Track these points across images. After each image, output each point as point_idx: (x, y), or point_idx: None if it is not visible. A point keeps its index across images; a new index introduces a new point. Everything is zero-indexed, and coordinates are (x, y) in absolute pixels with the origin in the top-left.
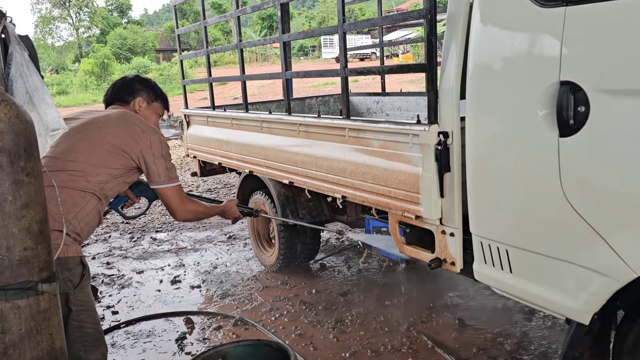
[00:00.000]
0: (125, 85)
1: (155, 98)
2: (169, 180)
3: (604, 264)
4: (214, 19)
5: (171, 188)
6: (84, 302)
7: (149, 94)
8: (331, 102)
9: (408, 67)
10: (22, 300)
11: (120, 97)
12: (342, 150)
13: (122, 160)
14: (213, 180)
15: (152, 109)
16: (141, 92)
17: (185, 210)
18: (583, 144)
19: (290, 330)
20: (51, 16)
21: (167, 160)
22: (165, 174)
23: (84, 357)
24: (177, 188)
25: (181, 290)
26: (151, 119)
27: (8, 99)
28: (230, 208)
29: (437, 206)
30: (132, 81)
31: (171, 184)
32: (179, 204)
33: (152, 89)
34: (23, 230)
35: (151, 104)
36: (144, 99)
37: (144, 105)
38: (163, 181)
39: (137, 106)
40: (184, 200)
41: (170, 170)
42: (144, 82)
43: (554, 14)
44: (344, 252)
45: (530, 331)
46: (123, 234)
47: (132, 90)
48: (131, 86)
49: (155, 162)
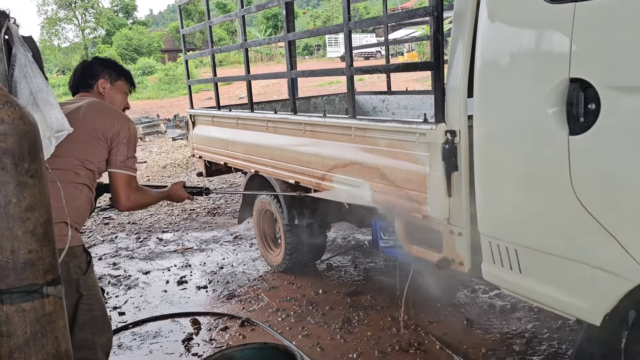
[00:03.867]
0: (86, 69)
1: (117, 76)
2: (124, 167)
3: (616, 264)
4: (219, 18)
5: (122, 175)
6: (92, 287)
7: (110, 74)
8: (337, 101)
9: (415, 65)
10: (27, 303)
11: (84, 83)
12: (348, 149)
13: (101, 149)
14: (219, 180)
15: (117, 89)
16: (102, 73)
17: (129, 200)
18: (593, 142)
19: (297, 331)
20: (57, 17)
21: (129, 148)
22: (123, 160)
23: (91, 339)
24: (129, 177)
25: (187, 291)
26: (117, 98)
27: (12, 100)
28: (175, 191)
29: (445, 205)
30: (92, 64)
31: (124, 171)
32: (125, 193)
33: (113, 68)
34: (28, 233)
35: (115, 84)
36: (106, 80)
37: (108, 86)
38: (117, 166)
39: (101, 88)
40: (132, 191)
41: (129, 158)
42: (103, 62)
43: (564, 10)
44: (351, 252)
45: (540, 331)
46: (129, 235)
47: (93, 73)
48: (92, 69)
49: (117, 147)
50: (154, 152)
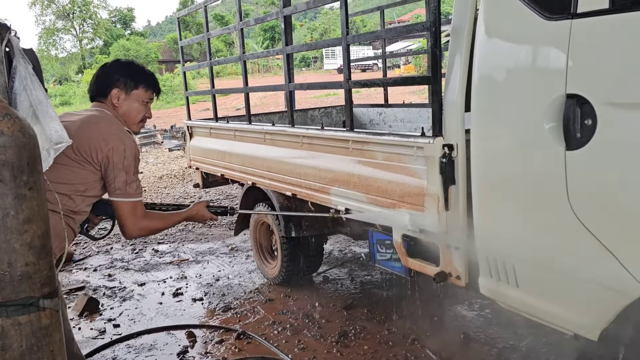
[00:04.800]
0: (103, 76)
1: (134, 85)
2: (125, 195)
3: (613, 279)
4: (217, 31)
5: (125, 203)
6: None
7: (126, 82)
8: (334, 113)
9: (412, 79)
10: (23, 316)
11: (100, 91)
12: (345, 162)
13: (83, 172)
14: (215, 192)
15: (134, 98)
16: (117, 82)
17: (136, 228)
18: (590, 157)
19: (293, 344)
20: (55, 28)
21: (129, 173)
22: (122, 186)
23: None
24: (132, 204)
25: (183, 303)
26: (132, 109)
27: (12, 112)
28: (197, 211)
29: (442, 219)
30: (109, 71)
31: (126, 199)
32: (130, 221)
33: (132, 75)
34: (25, 245)
35: (131, 93)
36: (121, 90)
37: (123, 96)
38: (117, 194)
39: (115, 99)
40: (137, 218)
41: (130, 184)
42: (121, 69)
43: (560, 26)
44: (347, 265)
45: (537, 346)
46: (125, 246)
47: (108, 81)
48: (108, 77)
49: (113, 172)
50: (151, 163)
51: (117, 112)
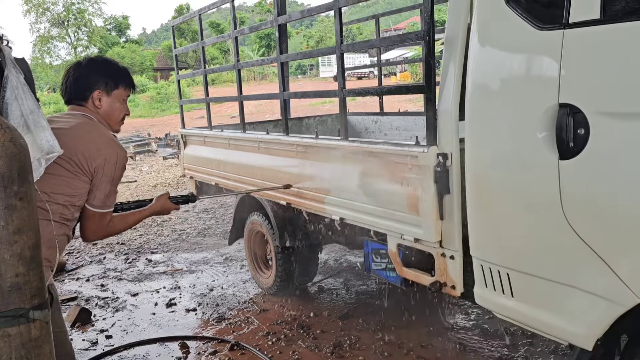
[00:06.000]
0: (80, 79)
1: (115, 85)
2: (102, 207)
3: (607, 289)
4: (212, 39)
5: (100, 213)
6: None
7: (106, 82)
8: (329, 121)
9: (407, 88)
10: (13, 328)
11: (78, 94)
12: (340, 171)
13: (78, 182)
14: (210, 201)
15: (115, 97)
16: (97, 82)
17: (99, 235)
18: (583, 166)
19: (287, 355)
20: (49, 35)
21: (112, 184)
22: (102, 198)
23: None
24: (103, 214)
25: (176, 314)
26: (114, 108)
27: (2, 122)
28: (162, 205)
29: (437, 228)
30: (86, 72)
31: (101, 210)
32: (95, 228)
33: (110, 74)
34: (15, 256)
35: (111, 93)
36: (102, 91)
37: (104, 97)
38: (94, 205)
39: (97, 101)
40: (103, 226)
41: (108, 197)
42: (99, 69)
43: (552, 36)
44: (343, 275)
45: (532, 356)
46: (118, 255)
47: (87, 84)
48: (86, 79)
49: (99, 183)
50: (145, 171)
51: (99, 113)
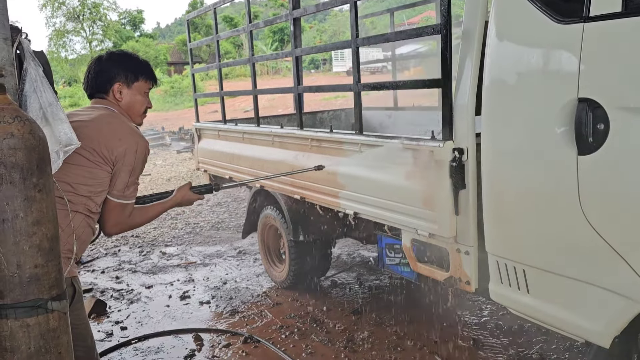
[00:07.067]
0: (101, 72)
1: (135, 78)
2: (122, 197)
3: (625, 286)
4: (227, 33)
5: (120, 204)
6: (76, 325)
7: (127, 75)
8: (343, 116)
9: (422, 82)
10: (32, 318)
11: (100, 87)
12: (355, 166)
13: (101, 173)
14: (223, 194)
15: (136, 90)
16: (118, 75)
17: (119, 228)
18: (603, 162)
19: (300, 349)
20: (65, 30)
21: (132, 175)
22: (122, 188)
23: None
24: (124, 205)
25: (190, 306)
26: (136, 101)
27: (22, 114)
28: (183, 196)
29: (452, 224)
30: (107, 66)
31: (121, 201)
32: (116, 220)
33: (131, 67)
34: (34, 247)
35: (132, 86)
36: (122, 83)
37: (125, 90)
38: (115, 195)
39: (117, 94)
40: (124, 218)
41: (128, 187)
42: (119, 62)
43: (572, 30)
44: (356, 269)
45: (547, 353)
46: (132, 248)
47: (108, 76)
48: (107, 72)
49: (120, 173)
50: (159, 165)
51: (120, 106)
